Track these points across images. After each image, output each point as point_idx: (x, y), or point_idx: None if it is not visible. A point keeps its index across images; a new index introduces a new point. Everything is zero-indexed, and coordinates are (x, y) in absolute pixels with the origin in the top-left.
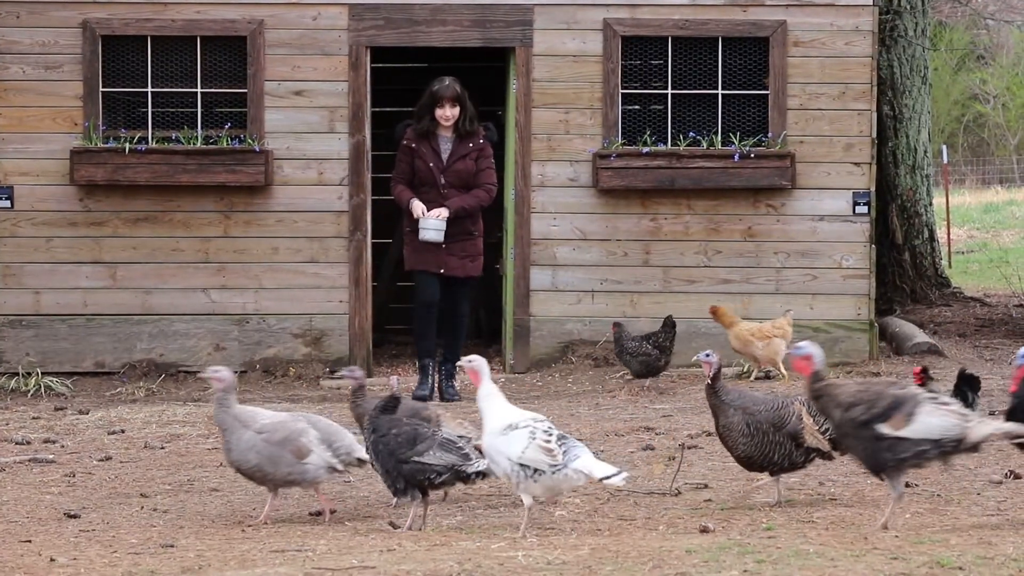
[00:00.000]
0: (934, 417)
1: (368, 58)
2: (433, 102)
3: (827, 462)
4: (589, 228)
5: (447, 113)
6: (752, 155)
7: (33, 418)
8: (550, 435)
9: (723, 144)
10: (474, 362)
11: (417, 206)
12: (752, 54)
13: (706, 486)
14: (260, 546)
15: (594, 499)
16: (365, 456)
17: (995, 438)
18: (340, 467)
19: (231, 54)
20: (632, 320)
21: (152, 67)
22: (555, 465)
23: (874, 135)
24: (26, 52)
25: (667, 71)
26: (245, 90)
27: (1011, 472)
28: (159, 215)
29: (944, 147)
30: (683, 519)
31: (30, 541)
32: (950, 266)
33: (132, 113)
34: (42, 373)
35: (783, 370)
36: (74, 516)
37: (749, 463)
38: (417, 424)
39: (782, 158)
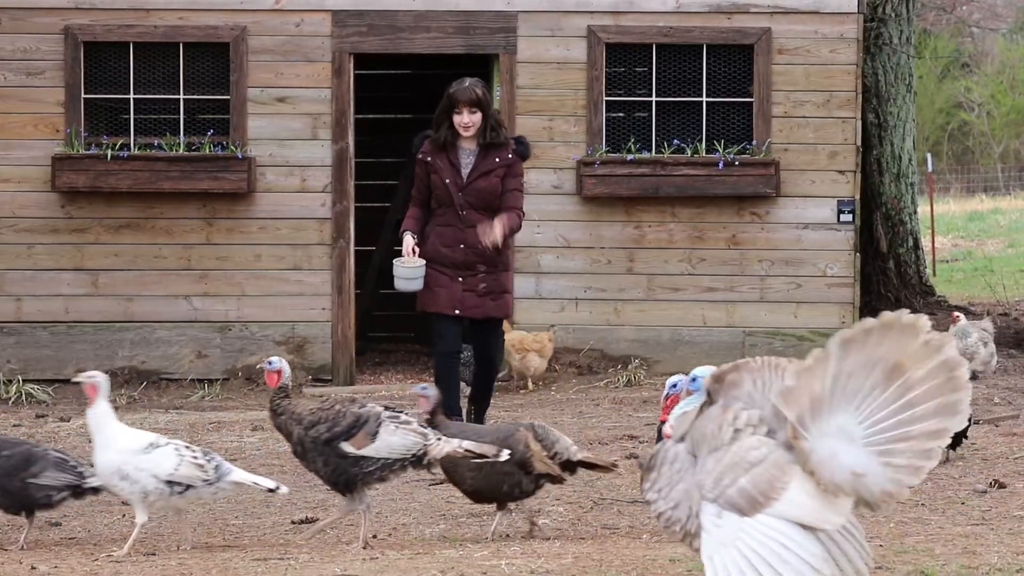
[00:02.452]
0: (396, 436)
1: (351, 65)
2: (450, 107)
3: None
4: (573, 236)
5: (465, 120)
6: (736, 163)
7: (14, 425)
8: (195, 452)
9: (707, 152)
10: (95, 378)
11: (405, 243)
12: (737, 62)
13: None
14: (242, 555)
15: (578, 508)
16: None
17: (456, 456)
18: None
19: (214, 61)
20: (616, 328)
21: (134, 74)
22: (207, 479)
23: (859, 143)
24: (7, 58)
25: (651, 78)
26: (228, 97)
27: (996, 481)
28: (141, 222)
29: (929, 155)
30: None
31: (10, 549)
32: (935, 275)
33: (114, 120)
34: (23, 380)
35: (530, 385)
36: (55, 524)
37: (479, 496)
38: (32, 445)
39: (766, 166)
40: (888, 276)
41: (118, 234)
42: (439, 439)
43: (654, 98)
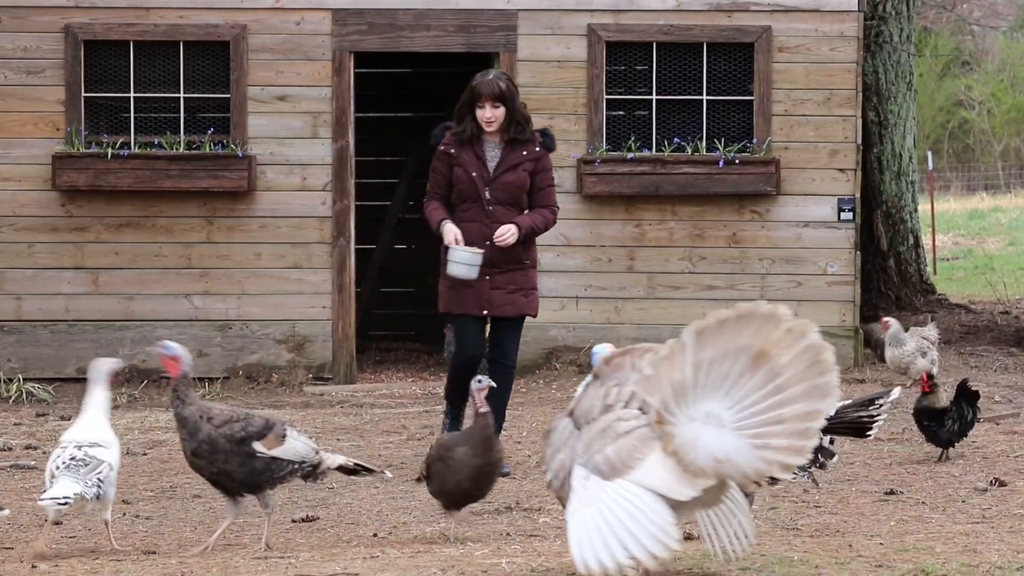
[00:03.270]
0: (299, 441)
1: (352, 63)
2: (472, 100)
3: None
4: (573, 234)
5: (487, 114)
6: (737, 161)
7: (15, 424)
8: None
9: (708, 150)
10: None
11: (450, 230)
12: (737, 60)
13: None
14: (242, 553)
15: None
16: None
17: (345, 469)
18: None
19: (214, 59)
20: (616, 327)
21: (135, 72)
22: None
23: (859, 141)
24: (8, 57)
25: (651, 77)
26: (228, 95)
27: (996, 480)
28: (141, 221)
29: (929, 153)
30: None
31: (12, 548)
32: (935, 273)
33: (114, 118)
34: (24, 379)
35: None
36: (56, 523)
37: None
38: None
39: (767, 164)
40: (888, 274)
41: (118, 233)
42: (328, 453)
43: (654, 96)
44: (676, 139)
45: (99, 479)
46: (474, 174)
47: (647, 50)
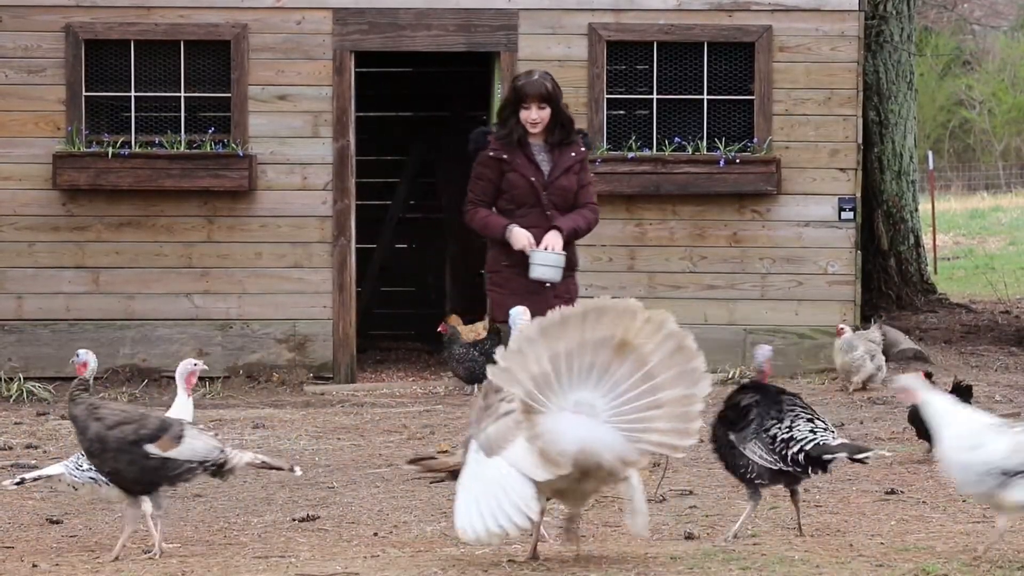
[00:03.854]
0: (199, 441)
1: (352, 63)
2: (517, 101)
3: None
4: None
5: (533, 115)
6: (737, 161)
7: (15, 423)
8: None
9: (708, 149)
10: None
11: (522, 234)
12: (737, 59)
13: (691, 492)
14: (243, 552)
15: None
16: None
17: (253, 466)
18: None
19: (215, 58)
20: None
21: (135, 71)
22: None
23: (860, 141)
24: (9, 56)
25: (652, 76)
26: (229, 95)
27: None
28: (142, 220)
29: (930, 153)
30: (668, 525)
31: (12, 547)
32: (936, 272)
33: (115, 117)
34: (24, 378)
35: None
36: (56, 522)
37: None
38: None
39: (767, 164)
40: (889, 274)
41: (119, 232)
42: (236, 451)
43: (655, 96)
44: (677, 139)
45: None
46: (532, 179)
47: (648, 49)
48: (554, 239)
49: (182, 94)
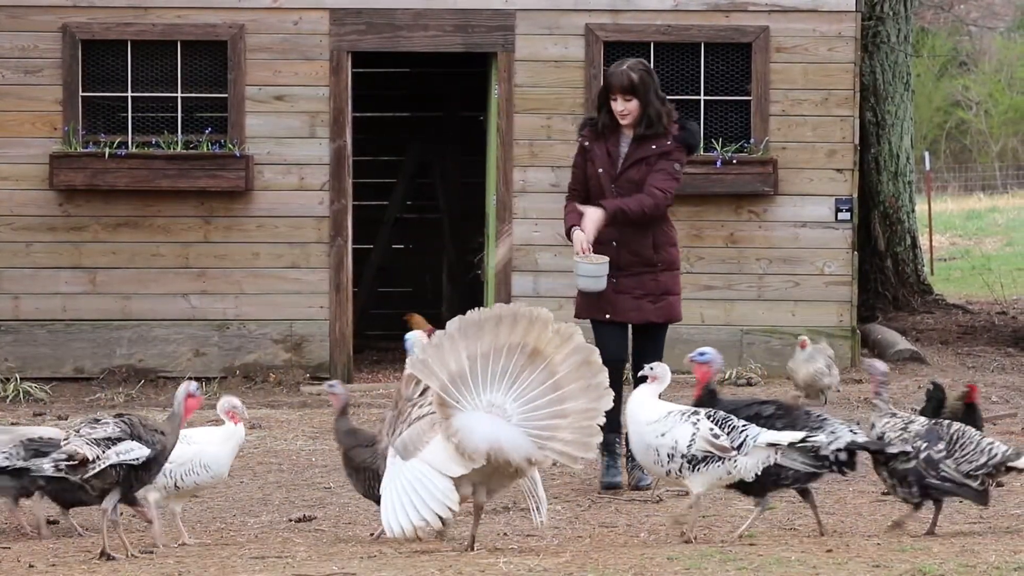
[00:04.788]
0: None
1: (349, 63)
2: (605, 91)
3: None
4: None
5: (619, 107)
6: (734, 161)
7: (12, 424)
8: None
9: (705, 150)
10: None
11: (578, 239)
12: (734, 60)
13: (688, 493)
14: (240, 552)
15: (575, 506)
16: None
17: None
18: None
19: (212, 59)
20: None
21: (132, 72)
22: None
23: (856, 141)
24: (6, 56)
25: None
26: (226, 95)
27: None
28: (139, 220)
29: (926, 154)
30: (665, 526)
31: (9, 548)
32: (932, 273)
33: (112, 118)
34: (21, 379)
35: None
36: (53, 522)
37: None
38: None
39: (764, 164)
40: (886, 274)
41: (116, 232)
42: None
43: None
44: None
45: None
46: (600, 170)
47: (645, 50)
48: (592, 215)
49: (179, 94)
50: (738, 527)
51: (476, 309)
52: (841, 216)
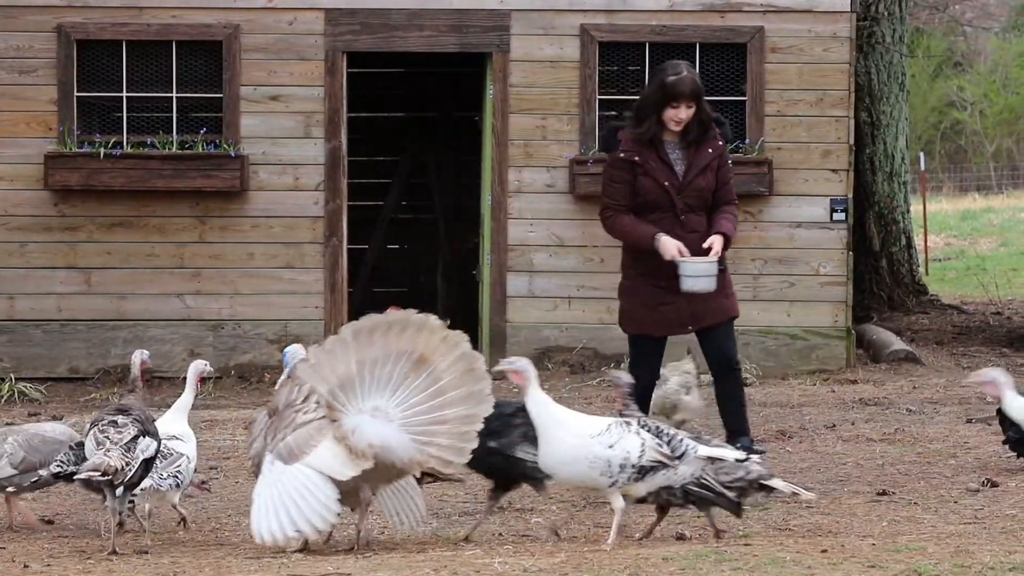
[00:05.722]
0: None
1: (344, 63)
2: (664, 99)
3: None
4: (566, 234)
5: (681, 115)
6: (730, 162)
7: (7, 424)
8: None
9: None
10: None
11: (672, 244)
12: (729, 60)
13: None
14: (235, 552)
15: (570, 506)
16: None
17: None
18: None
19: (207, 59)
20: (609, 327)
21: (127, 72)
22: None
23: (851, 142)
24: (0, 56)
25: (644, 77)
26: (221, 95)
27: (988, 480)
28: (134, 220)
29: (922, 154)
30: (659, 526)
31: (4, 547)
32: (927, 273)
33: (107, 118)
34: (16, 379)
35: None
36: (48, 522)
37: None
38: None
39: (759, 165)
40: (881, 275)
41: (111, 232)
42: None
43: None
44: None
45: (177, 471)
46: (665, 183)
47: (640, 50)
48: (718, 244)
49: (174, 94)
50: (734, 527)
51: (369, 315)
52: (836, 216)
